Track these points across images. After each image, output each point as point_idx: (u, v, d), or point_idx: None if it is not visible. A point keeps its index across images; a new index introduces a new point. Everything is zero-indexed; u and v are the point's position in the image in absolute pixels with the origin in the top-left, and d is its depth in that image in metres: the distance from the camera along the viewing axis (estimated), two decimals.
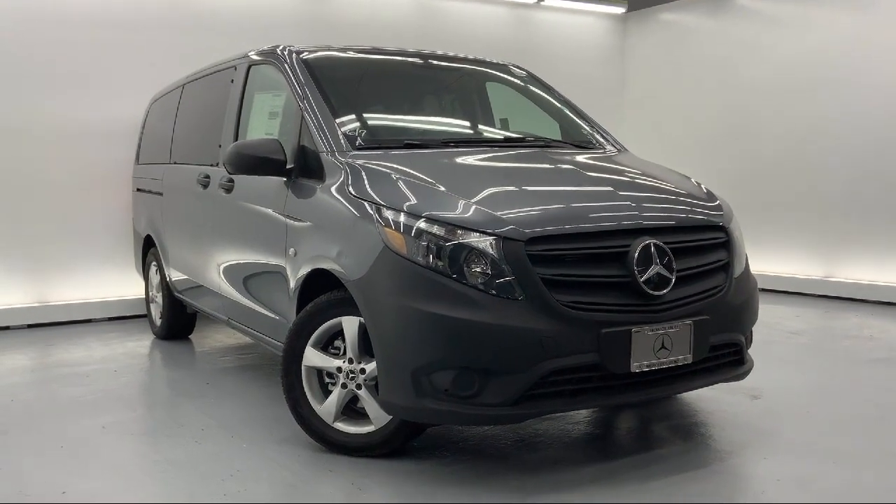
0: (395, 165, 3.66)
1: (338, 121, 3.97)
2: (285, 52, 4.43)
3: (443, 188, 3.45)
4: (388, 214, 3.32)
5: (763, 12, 8.62)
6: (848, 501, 3.10)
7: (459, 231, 3.18)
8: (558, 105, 4.91)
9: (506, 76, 5.07)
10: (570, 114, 4.85)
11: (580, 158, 4.12)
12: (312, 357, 3.56)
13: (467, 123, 4.97)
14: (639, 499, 3.09)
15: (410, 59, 4.85)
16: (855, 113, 7.73)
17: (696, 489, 3.19)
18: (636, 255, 3.22)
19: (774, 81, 8.46)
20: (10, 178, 6.68)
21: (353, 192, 3.53)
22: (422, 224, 3.22)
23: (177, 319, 6.06)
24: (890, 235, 7.52)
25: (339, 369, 3.50)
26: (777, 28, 8.47)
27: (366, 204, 3.43)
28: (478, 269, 3.13)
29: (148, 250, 6.37)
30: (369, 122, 4.27)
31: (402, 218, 3.28)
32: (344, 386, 3.50)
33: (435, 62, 4.95)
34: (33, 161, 6.74)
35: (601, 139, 4.64)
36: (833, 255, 7.99)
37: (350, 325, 3.46)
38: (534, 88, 5.00)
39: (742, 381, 3.79)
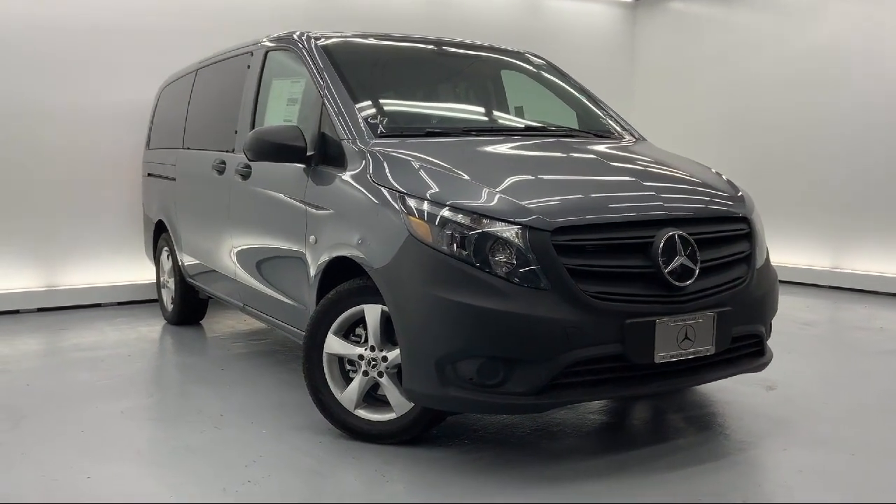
0: (417, 154, 3.65)
1: (359, 109, 3.95)
2: (303, 38, 4.42)
3: (466, 176, 3.45)
4: (412, 203, 3.32)
5: (774, 2, 8.59)
6: (871, 493, 3.11)
7: (485, 220, 3.17)
8: (576, 94, 4.89)
9: (523, 64, 5.05)
10: (588, 102, 4.84)
11: (601, 148, 4.11)
12: (334, 344, 3.57)
13: (488, 112, 4.94)
14: (662, 490, 3.10)
15: (428, 46, 4.83)
16: (864, 103, 7.72)
17: (719, 480, 3.20)
18: (661, 245, 3.22)
19: (784, 71, 8.44)
20: (19, 163, 6.67)
21: (375, 181, 3.52)
22: (446, 212, 3.22)
23: (189, 305, 6.06)
24: None
25: (361, 357, 3.50)
26: (788, 18, 8.44)
27: (389, 192, 3.42)
28: (503, 259, 3.13)
29: (159, 235, 6.36)
30: (390, 110, 4.25)
31: (426, 206, 3.28)
32: (365, 373, 3.50)
33: (453, 49, 4.94)
34: (41, 145, 6.72)
35: (619, 128, 4.64)
36: (840, 245, 8.00)
37: (372, 312, 3.46)
38: (551, 77, 4.99)
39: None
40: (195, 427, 3.82)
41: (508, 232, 3.14)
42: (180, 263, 5.85)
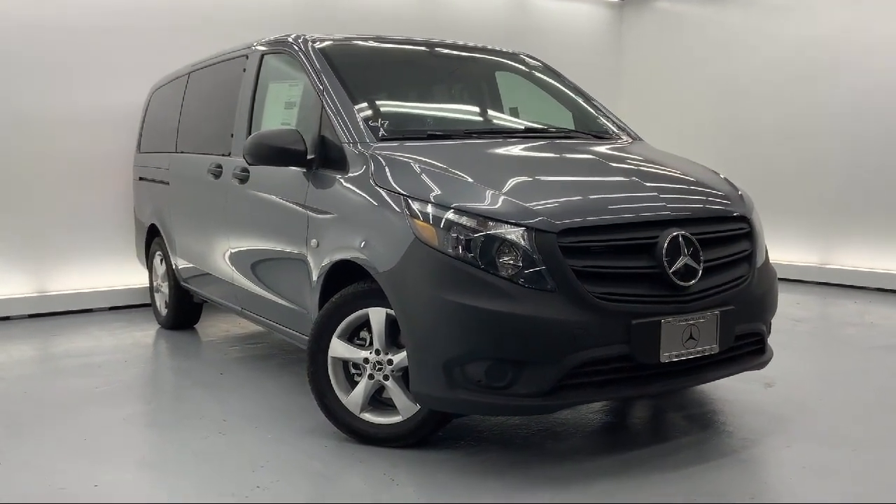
0: (419, 156, 3.65)
1: (359, 111, 3.95)
2: (299, 41, 4.40)
3: (470, 179, 3.45)
4: (416, 206, 3.32)
5: (761, 0, 8.65)
6: (877, 489, 3.14)
7: (490, 222, 3.18)
8: (571, 95, 4.91)
9: (519, 66, 5.06)
10: (584, 103, 4.86)
11: (601, 149, 4.13)
12: (338, 348, 3.56)
13: (487, 113, 4.95)
14: (667, 488, 3.12)
15: (425, 49, 4.83)
16: (852, 100, 7.80)
17: (724, 478, 3.23)
18: (665, 246, 3.24)
19: (771, 70, 8.51)
20: (8, 168, 6.60)
21: (378, 184, 3.52)
22: (451, 215, 3.23)
23: (183, 309, 6.02)
24: (886, 223, 7.61)
25: (366, 360, 3.50)
26: (774, 16, 8.50)
27: (392, 195, 3.43)
28: (509, 261, 3.14)
29: (152, 239, 6.32)
30: (391, 113, 4.25)
31: (431, 209, 3.28)
32: (371, 377, 3.50)
33: (450, 51, 4.95)
34: (30, 150, 6.66)
35: (616, 129, 4.66)
36: (829, 242, 8.07)
37: (377, 316, 3.46)
38: (547, 78, 5.01)
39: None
40: (198, 432, 3.80)
41: (514, 234, 3.15)
42: (174, 267, 5.82)
